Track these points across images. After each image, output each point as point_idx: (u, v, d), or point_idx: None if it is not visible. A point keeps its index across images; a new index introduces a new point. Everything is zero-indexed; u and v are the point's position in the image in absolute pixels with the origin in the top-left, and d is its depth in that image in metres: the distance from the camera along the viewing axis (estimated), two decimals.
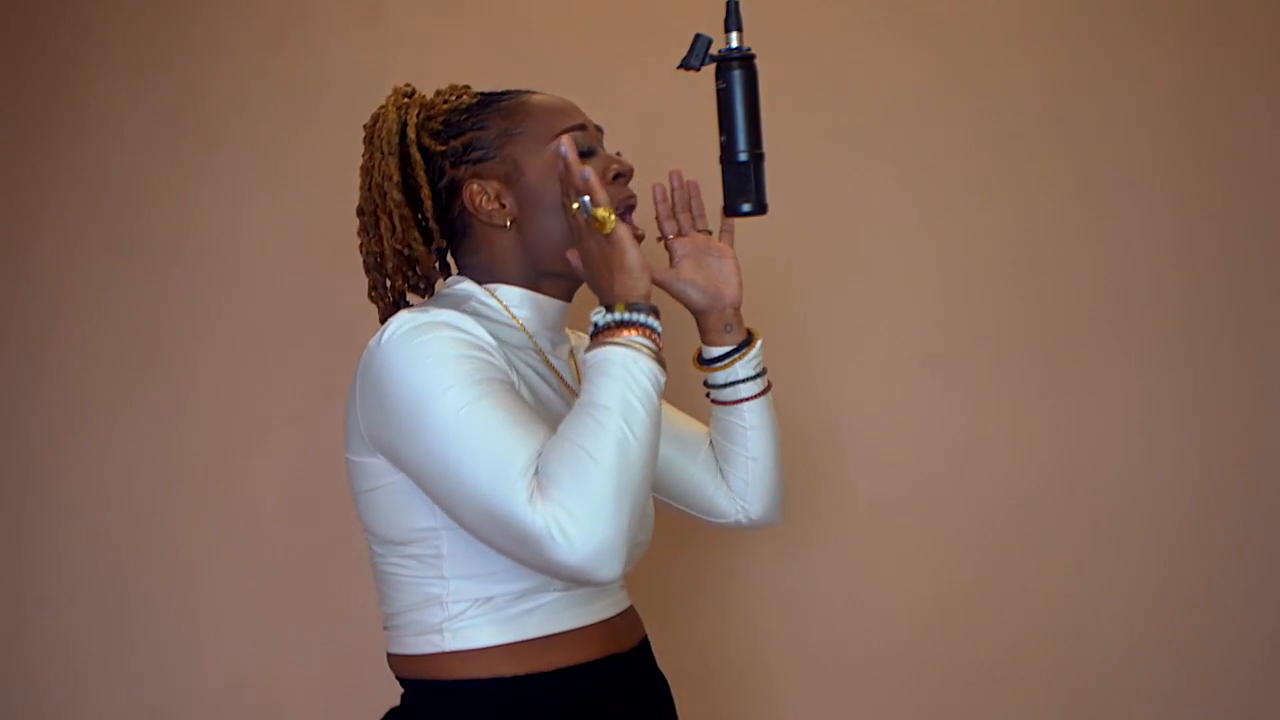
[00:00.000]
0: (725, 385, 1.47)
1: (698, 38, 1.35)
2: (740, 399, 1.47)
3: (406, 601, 1.29)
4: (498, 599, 1.26)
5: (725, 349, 1.46)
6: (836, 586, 2.14)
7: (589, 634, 1.31)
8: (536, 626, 1.27)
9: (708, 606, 2.14)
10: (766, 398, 1.48)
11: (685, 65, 1.35)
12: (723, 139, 1.35)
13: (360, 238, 1.40)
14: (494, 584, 1.26)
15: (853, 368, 2.15)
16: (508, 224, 1.34)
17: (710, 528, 1.55)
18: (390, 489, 1.27)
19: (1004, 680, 2.13)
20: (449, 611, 1.27)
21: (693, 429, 1.53)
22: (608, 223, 1.24)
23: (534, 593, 1.27)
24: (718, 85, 1.35)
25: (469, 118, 1.37)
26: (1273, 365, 2.16)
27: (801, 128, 2.07)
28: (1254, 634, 2.15)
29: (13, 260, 2.09)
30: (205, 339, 2.09)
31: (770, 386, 1.49)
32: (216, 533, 2.08)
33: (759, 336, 1.48)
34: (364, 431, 1.27)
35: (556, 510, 1.13)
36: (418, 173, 1.36)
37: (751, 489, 1.50)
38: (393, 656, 1.33)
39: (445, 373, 1.20)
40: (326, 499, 1.90)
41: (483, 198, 1.34)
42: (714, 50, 1.35)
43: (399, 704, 1.34)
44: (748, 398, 1.47)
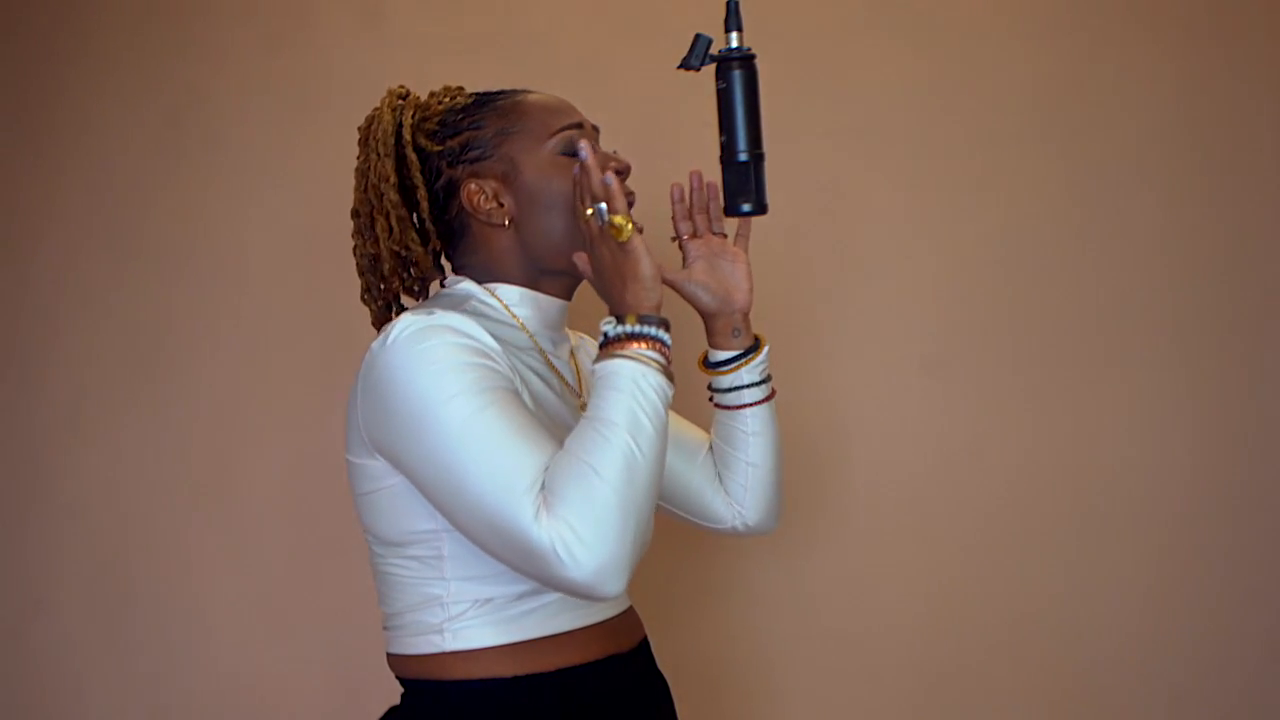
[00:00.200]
0: (729, 390, 1.46)
1: (698, 38, 1.34)
2: (743, 404, 1.46)
3: (406, 602, 1.29)
4: (497, 600, 1.26)
5: (732, 353, 1.46)
6: (837, 587, 2.13)
7: (589, 635, 1.30)
8: (536, 627, 1.27)
9: (709, 607, 2.14)
10: (770, 405, 1.48)
11: (685, 65, 1.35)
12: (723, 139, 1.35)
13: (354, 240, 1.39)
14: (494, 585, 1.26)
15: (852, 368, 2.15)
16: (506, 223, 1.34)
17: (707, 532, 1.55)
18: (391, 491, 1.27)
19: (1006, 680, 2.13)
20: (449, 612, 1.27)
21: (692, 434, 1.52)
22: (625, 230, 1.23)
23: (534, 594, 1.27)
24: (718, 85, 1.35)
25: (465, 117, 1.36)
26: (1267, 365, 2.16)
27: (801, 128, 2.07)
28: (1253, 633, 2.15)
29: (15, 261, 2.09)
30: (206, 339, 2.09)
31: (774, 394, 1.48)
32: (217, 532, 2.08)
33: (766, 343, 1.47)
34: (365, 434, 1.26)
35: (562, 528, 1.13)
36: (414, 173, 1.35)
37: (750, 495, 1.49)
38: (392, 656, 1.33)
39: (450, 380, 1.19)
40: (326, 499, 1.89)
41: (480, 197, 1.34)
42: (714, 50, 1.35)
43: (399, 703, 1.34)
44: (751, 403, 1.46)
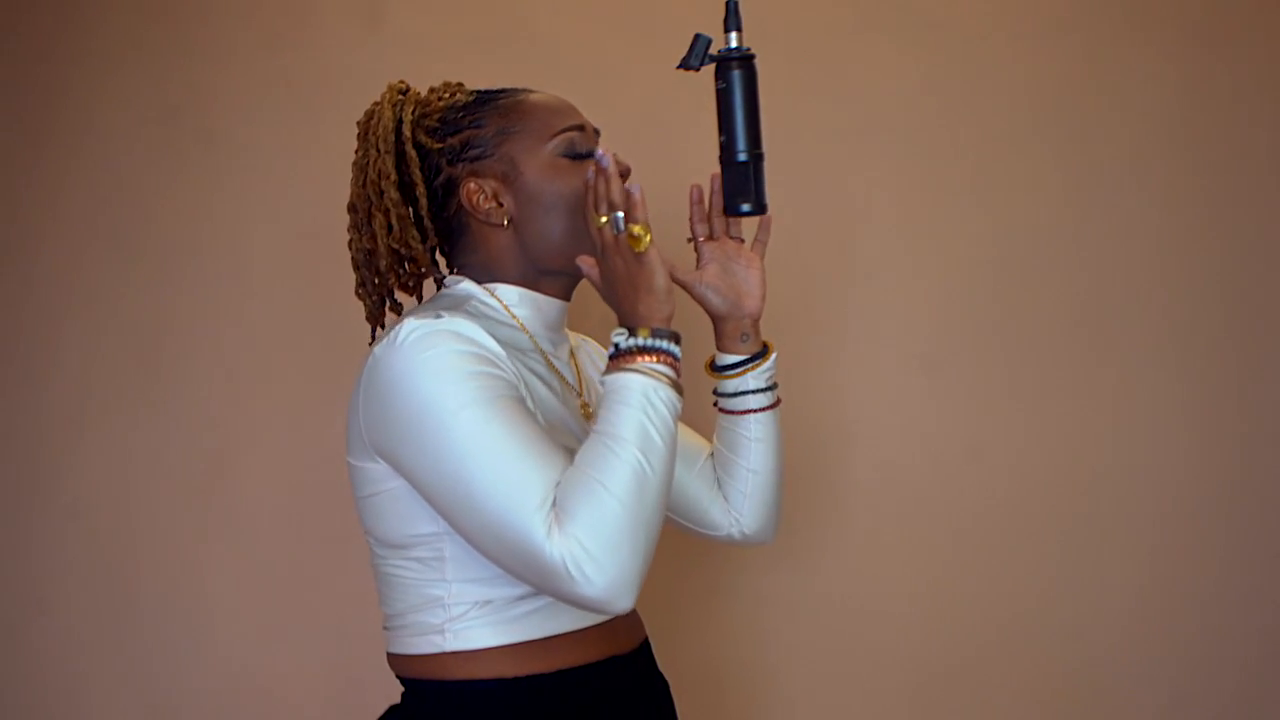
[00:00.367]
0: (734, 395, 1.46)
1: (697, 38, 1.34)
2: (747, 409, 1.45)
3: (407, 603, 1.29)
4: (497, 601, 1.26)
5: (739, 358, 1.45)
6: (838, 587, 2.13)
7: (589, 636, 1.30)
8: (537, 628, 1.27)
9: (710, 608, 2.14)
10: (774, 412, 1.47)
11: (685, 65, 1.35)
12: (722, 139, 1.35)
13: (350, 234, 1.38)
14: (494, 587, 1.26)
15: (850, 368, 2.15)
16: (505, 223, 1.34)
17: (703, 540, 1.54)
18: (391, 494, 1.27)
19: (1005, 679, 2.13)
20: (450, 613, 1.27)
21: (693, 440, 1.51)
22: (643, 241, 1.23)
23: (534, 595, 1.27)
24: (717, 85, 1.35)
25: (466, 115, 1.36)
26: (1261, 365, 2.17)
27: (801, 128, 2.07)
28: (1248, 631, 2.16)
29: (17, 260, 2.09)
30: (208, 339, 2.09)
31: (780, 402, 1.47)
32: (219, 532, 2.08)
33: (774, 350, 1.46)
34: (366, 437, 1.26)
35: (573, 546, 1.13)
36: (413, 170, 1.34)
37: (748, 503, 1.48)
38: (393, 656, 1.33)
39: (459, 389, 1.19)
40: (327, 499, 1.90)
41: (480, 196, 1.33)
42: (713, 50, 1.34)
43: (399, 702, 1.34)
44: (755, 409, 1.45)
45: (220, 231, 2.10)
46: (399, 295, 1.42)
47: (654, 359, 1.21)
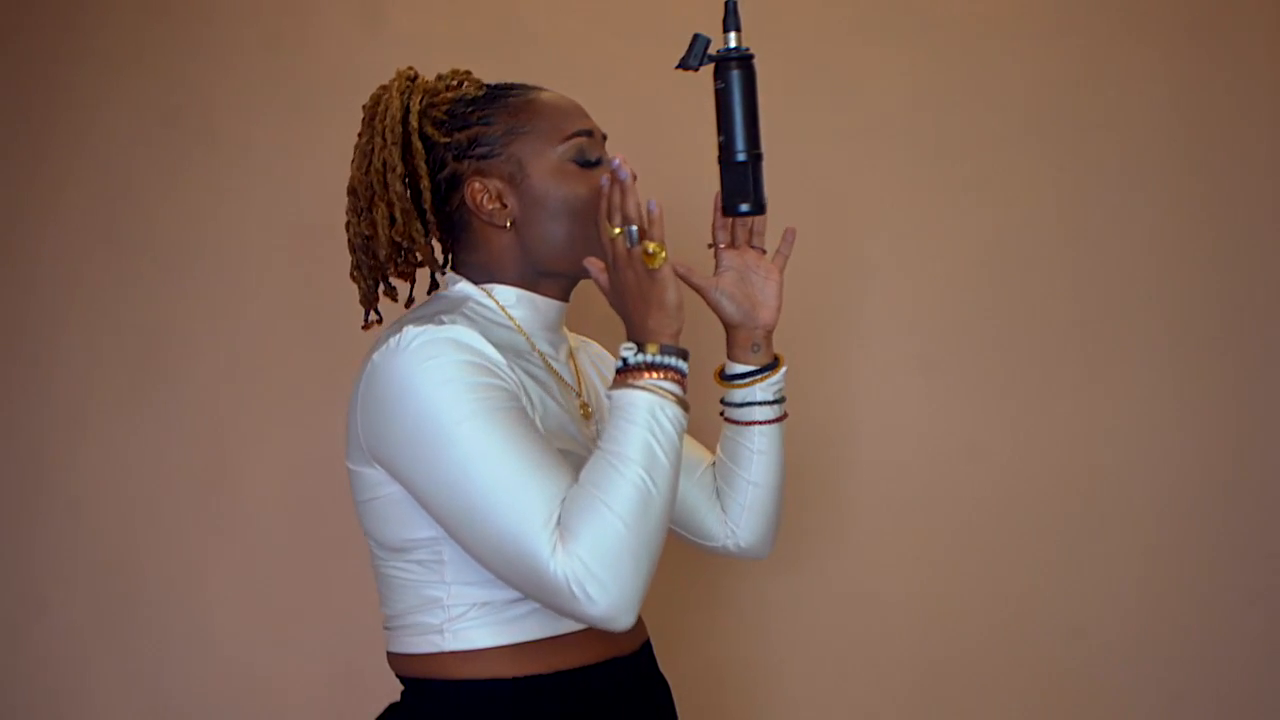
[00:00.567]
0: (741, 405, 1.45)
1: (696, 38, 1.34)
2: (753, 421, 1.45)
3: (407, 604, 1.29)
4: (496, 603, 1.26)
5: (748, 368, 1.44)
6: (838, 587, 2.14)
7: (589, 637, 1.30)
8: (535, 629, 1.27)
9: (712, 610, 2.14)
10: (780, 426, 1.46)
11: (683, 65, 1.34)
12: (721, 139, 1.34)
13: (349, 217, 1.37)
14: (494, 589, 1.25)
15: (851, 368, 2.15)
16: (508, 225, 1.33)
17: (697, 549, 1.53)
18: (389, 499, 1.27)
19: (1005, 678, 2.13)
20: (449, 614, 1.27)
21: (694, 449, 1.51)
22: (658, 258, 1.22)
23: None
24: (716, 85, 1.34)
25: (475, 110, 1.34)
26: (1258, 365, 2.17)
27: (801, 128, 2.07)
28: (1246, 629, 2.16)
29: (19, 260, 2.09)
30: (206, 339, 2.09)
31: (786, 415, 1.46)
32: (219, 531, 2.08)
33: (784, 364, 1.46)
34: (365, 444, 1.26)
35: (576, 566, 1.13)
36: (418, 162, 1.33)
37: (746, 515, 1.47)
38: (393, 655, 1.33)
39: (461, 401, 1.18)
40: (327, 498, 1.90)
41: (484, 196, 1.32)
42: (712, 50, 1.34)
43: (399, 700, 1.34)
44: (761, 421, 1.44)
45: (221, 232, 2.10)
46: (394, 280, 1.41)
47: (661, 375, 1.21)
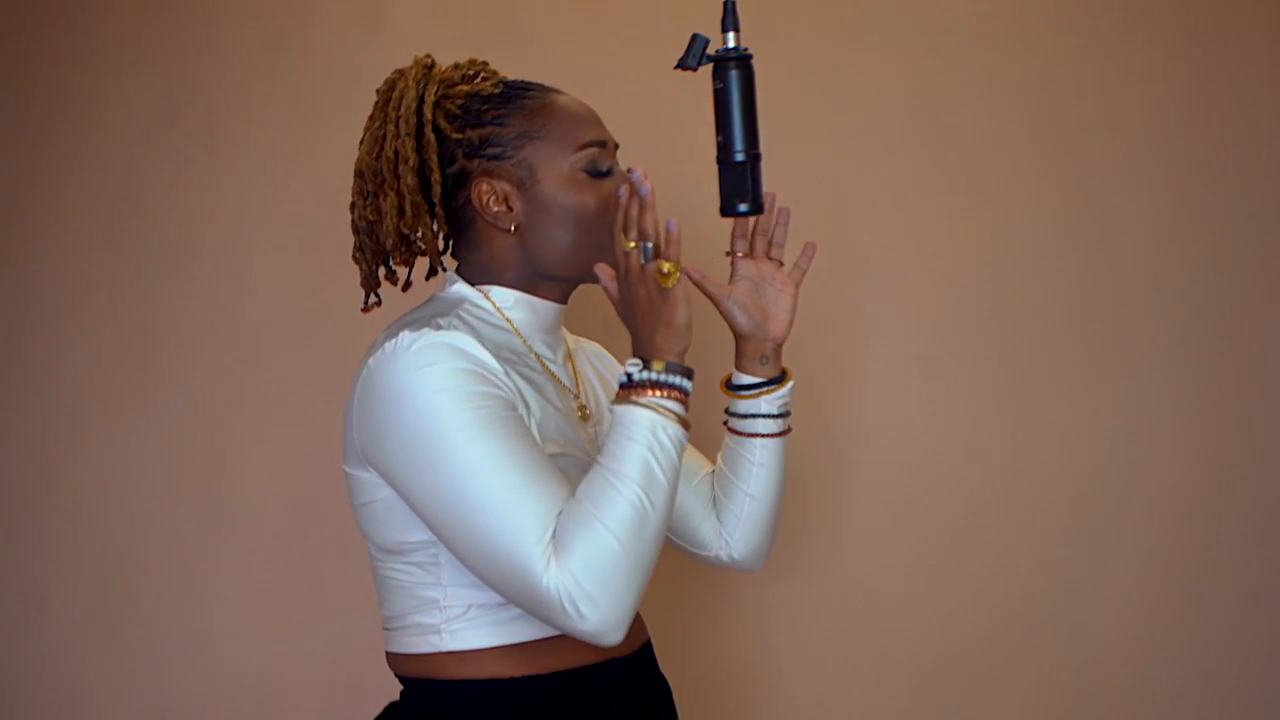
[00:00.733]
0: (745, 416, 1.44)
1: (695, 38, 1.34)
2: (755, 433, 1.44)
3: (405, 605, 1.30)
4: (493, 604, 1.26)
5: (755, 380, 1.44)
6: (839, 588, 2.13)
7: None
8: (533, 630, 1.27)
9: (713, 610, 2.13)
10: (782, 441, 1.45)
11: (682, 65, 1.34)
12: (719, 139, 1.34)
13: (354, 199, 1.36)
14: (489, 591, 1.25)
15: (851, 369, 2.15)
16: (512, 228, 1.32)
17: (689, 558, 1.53)
18: (385, 503, 1.27)
19: (1005, 677, 2.13)
20: (446, 614, 1.27)
21: (693, 456, 1.50)
22: (671, 277, 1.22)
23: None
24: (715, 85, 1.34)
25: (490, 109, 1.33)
26: (1258, 364, 2.17)
27: (800, 128, 2.07)
28: (1246, 629, 2.16)
29: (18, 261, 2.09)
30: (208, 338, 2.09)
31: (790, 430, 1.46)
32: (219, 531, 2.08)
33: (792, 378, 1.45)
34: (359, 448, 1.26)
35: (569, 582, 1.13)
36: (430, 155, 1.32)
37: (741, 527, 1.47)
38: (392, 655, 1.33)
39: (457, 410, 1.18)
40: (327, 499, 1.89)
41: (491, 197, 1.32)
42: (711, 50, 1.34)
43: (398, 700, 1.35)
44: (763, 434, 1.44)
45: (220, 231, 2.10)
46: (395, 265, 1.39)
47: (665, 394, 1.20)
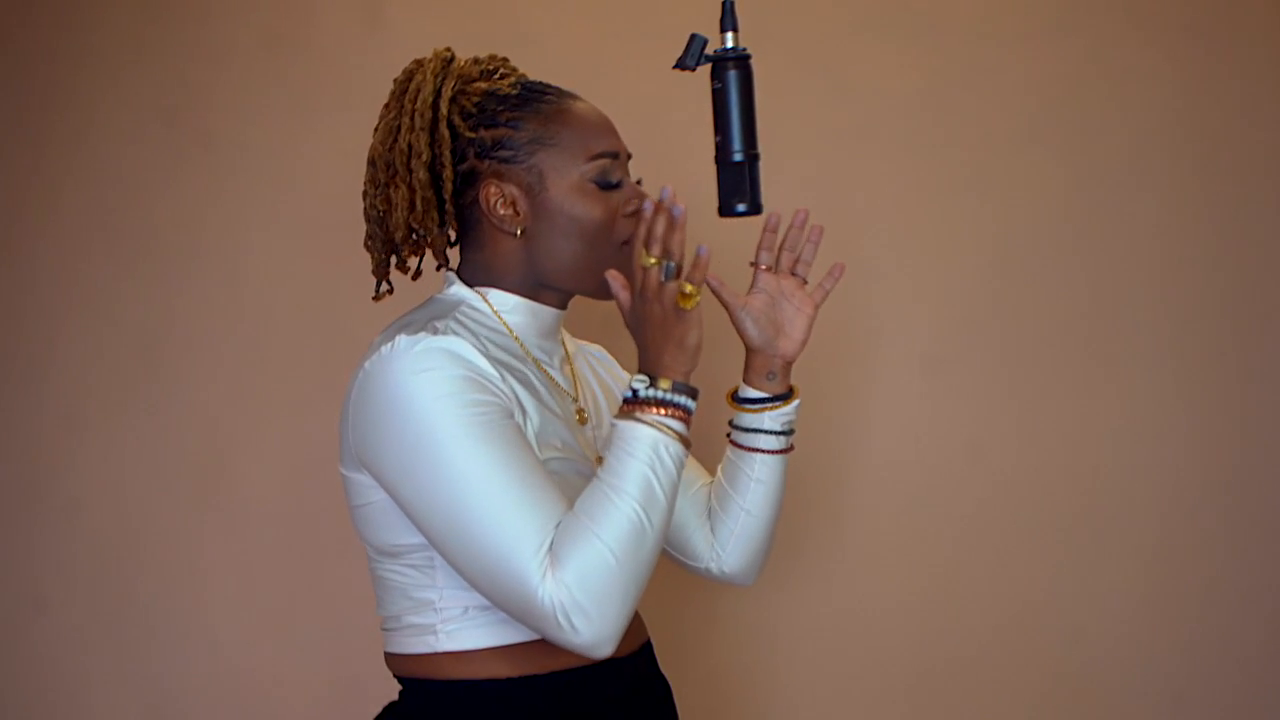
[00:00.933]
0: (748, 430, 1.43)
1: (693, 38, 1.33)
2: (756, 448, 1.43)
3: (402, 605, 1.29)
4: (489, 605, 1.25)
5: (761, 395, 1.43)
6: (840, 589, 2.13)
7: None
8: (530, 630, 1.25)
9: (713, 610, 2.13)
10: (783, 459, 1.44)
11: (681, 65, 1.34)
12: (718, 139, 1.33)
13: (366, 187, 1.34)
14: None
15: (851, 368, 2.15)
16: (518, 233, 1.31)
17: (679, 567, 1.52)
18: (380, 506, 1.26)
19: (1007, 678, 2.13)
20: (443, 615, 1.27)
21: (691, 466, 1.49)
22: (692, 300, 1.21)
23: None
24: (713, 85, 1.34)
25: (505, 110, 1.31)
26: (1259, 365, 2.17)
27: (800, 128, 2.07)
28: (1247, 629, 2.16)
29: (17, 261, 2.09)
30: (207, 339, 2.10)
31: (792, 449, 1.45)
32: (217, 531, 2.08)
33: (798, 396, 1.44)
34: (355, 451, 1.26)
35: (564, 596, 1.13)
36: (443, 150, 1.31)
37: (734, 541, 1.46)
38: (390, 656, 1.33)
39: (453, 418, 1.18)
40: (326, 499, 1.88)
41: (498, 201, 1.31)
42: (709, 50, 1.34)
43: (397, 700, 1.34)
44: (765, 450, 1.43)
45: (220, 232, 2.10)
46: (404, 255, 1.38)
47: (669, 412, 1.20)
